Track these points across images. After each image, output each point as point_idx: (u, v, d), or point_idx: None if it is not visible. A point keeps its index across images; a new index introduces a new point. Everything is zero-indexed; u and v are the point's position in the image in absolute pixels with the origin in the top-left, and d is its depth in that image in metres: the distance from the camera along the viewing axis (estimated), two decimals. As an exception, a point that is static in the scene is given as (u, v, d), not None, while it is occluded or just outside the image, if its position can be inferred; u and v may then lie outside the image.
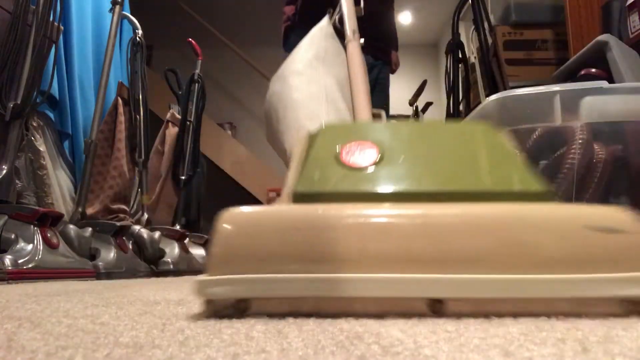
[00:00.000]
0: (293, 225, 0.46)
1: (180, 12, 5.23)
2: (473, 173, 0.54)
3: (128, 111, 2.43)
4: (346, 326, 0.40)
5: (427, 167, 0.55)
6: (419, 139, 0.61)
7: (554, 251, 0.44)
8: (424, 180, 0.53)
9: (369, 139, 0.58)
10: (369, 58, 2.17)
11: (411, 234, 0.45)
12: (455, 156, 0.57)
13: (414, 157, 0.56)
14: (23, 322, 0.44)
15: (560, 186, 1.07)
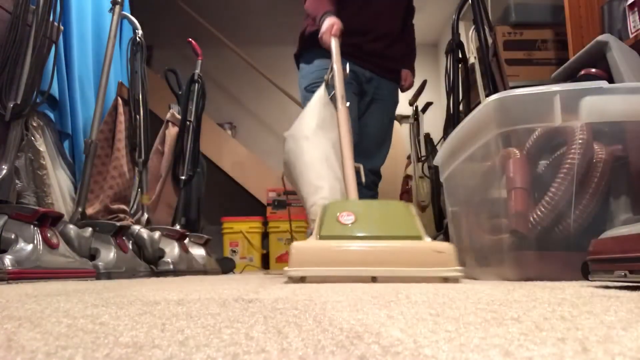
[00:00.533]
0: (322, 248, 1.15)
1: (180, 12, 5.22)
2: (390, 226, 1.22)
3: (128, 111, 2.43)
4: (346, 326, 0.40)
5: (372, 223, 1.23)
6: (371, 209, 1.33)
7: (417, 258, 1.11)
8: (370, 230, 1.22)
9: (350, 210, 1.23)
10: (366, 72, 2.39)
11: (365, 252, 1.14)
12: (385, 218, 1.26)
13: (368, 219, 1.23)
14: (23, 322, 0.44)
15: (560, 186, 1.07)
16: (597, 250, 0.78)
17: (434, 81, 5.58)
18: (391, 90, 2.51)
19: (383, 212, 1.28)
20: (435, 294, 0.71)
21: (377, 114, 2.46)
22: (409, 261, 1.09)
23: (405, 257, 1.10)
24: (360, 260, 1.11)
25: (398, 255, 1.11)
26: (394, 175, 4.03)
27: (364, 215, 1.21)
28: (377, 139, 2.48)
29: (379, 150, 2.50)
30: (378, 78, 2.44)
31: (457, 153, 1.43)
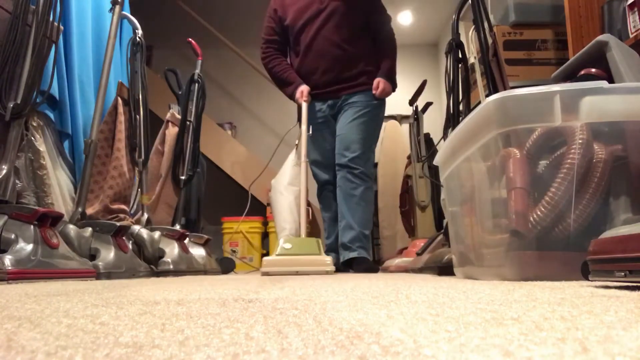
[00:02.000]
0: (276, 259, 2.31)
1: (180, 12, 5.22)
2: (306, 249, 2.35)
3: (128, 111, 2.43)
4: (346, 326, 0.40)
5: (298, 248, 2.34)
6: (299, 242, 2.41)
7: (314, 262, 2.31)
8: (297, 250, 2.33)
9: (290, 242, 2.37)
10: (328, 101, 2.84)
11: (292, 260, 2.28)
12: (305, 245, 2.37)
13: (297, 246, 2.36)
14: (23, 322, 0.44)
15: (560, 186, 1.07)
16: (597, 250, 0.78)
17: (434, 81, 5.58)
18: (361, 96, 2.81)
19: (304, 242, 2.34)
20: (435, 294, 0.71)
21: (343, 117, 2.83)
22: (310, 264, 2.20)
23: (308, 262, 2.20)
24: (291, 264, 2.19)
25: (305, 261, 2.20)
26: (394, 175, 4.03)
27: (296, 244, 2.29)
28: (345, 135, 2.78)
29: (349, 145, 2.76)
30: (342, 97, 2.81)
31: (457, 153, 1.43)
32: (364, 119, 2.80)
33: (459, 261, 1.53)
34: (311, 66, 2.82)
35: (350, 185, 2.68)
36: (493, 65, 1.94)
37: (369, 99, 2.82)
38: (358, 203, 2.66)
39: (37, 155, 2.03)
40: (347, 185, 2.70)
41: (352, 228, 2.60)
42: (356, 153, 2.74)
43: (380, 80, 2.81)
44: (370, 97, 2.82)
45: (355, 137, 2.77)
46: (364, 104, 2.80)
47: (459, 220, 1.55)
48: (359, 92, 2.82)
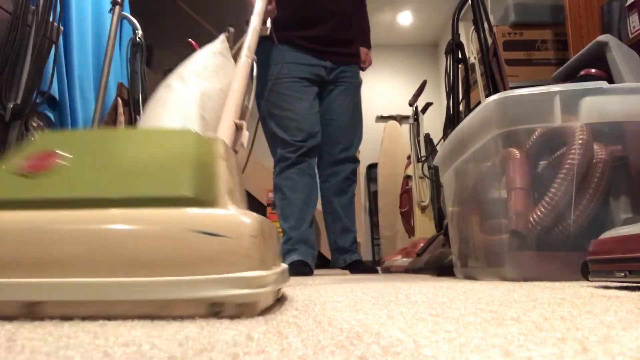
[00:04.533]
0: None
1: (180, 13, 5.23)
2: (119, 179, 0.55)
3: (128, 111, 2.43)
4: (346, 326, 0.40)
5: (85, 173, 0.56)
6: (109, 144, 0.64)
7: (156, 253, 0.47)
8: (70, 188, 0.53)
9: (64, 146, 0.58)
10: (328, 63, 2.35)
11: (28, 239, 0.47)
12: (124, 161, 0.59)
13: (87, 164, 0.57)
14: (23, 322, 0.44)
15: (560, 186, 1.07)
16: (597, 251, 0.78)
17: (434, 81, 5.58)
18: (354, 73, 2.47)
19: (131, 151, 0.62)
20: (435, 294, 0.71)
21: (340, 98, 2.42)
22: (125, 260, 0.47)
23: (116, 249, 0.47)
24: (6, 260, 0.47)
25: (99, 245, 0.47)
26: (394, 175, 4.03)
27: (84, 159, 0.58)
28: (345, 124, 2.42)
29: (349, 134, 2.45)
30: (340, 65, 2.40)
31: (457, 153, 1.43)
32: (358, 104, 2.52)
33: (459, 261, 1.53)
34: (315, 14, 2.33)
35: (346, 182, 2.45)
36: (493, 65, 1.94)
37: (358, 77, 2.51)
38: (350, 201, 2.48)
39: (37, 156, 2.03)
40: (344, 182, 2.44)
41: (350, 230, 2.53)
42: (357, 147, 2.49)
43: (368, 52, 2.54)
44: (358, 74, 2.51)
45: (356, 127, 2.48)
46: (356, 84, 2.49)
47: (459, 221, 1.55)
48: (352, 64, 2.46)
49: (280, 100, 2.26)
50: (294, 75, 2.28)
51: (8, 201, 0.51)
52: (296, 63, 2.29)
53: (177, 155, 0.58)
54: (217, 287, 0.45)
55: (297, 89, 2.27)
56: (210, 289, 0.45)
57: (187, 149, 0.59)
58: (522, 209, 1.11)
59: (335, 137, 2.39)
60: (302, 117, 2.26)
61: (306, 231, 2.24)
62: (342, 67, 2.41)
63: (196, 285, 0.45)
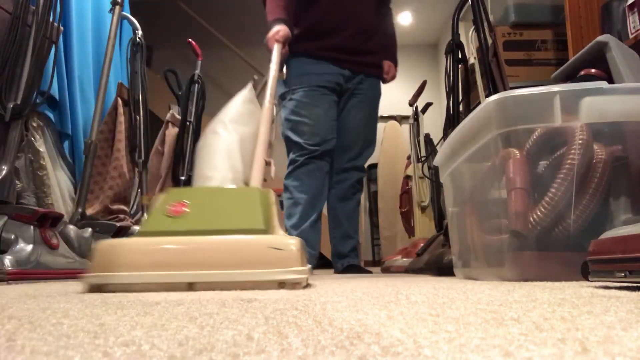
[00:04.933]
0: (129, 248, 0.94)
1: (180, 13, 5.23)
2: (226, 218, 0.99)
3: (128, 111, 2.43)
4: (346, 326, 0.40)
5: (206, 215, 1.01)
6: (214, 198, 1.09)
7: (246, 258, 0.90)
8: (200, 224, 0.98)
9: (186, 199, 1.03)
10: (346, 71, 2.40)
11: (179, 251, 0.92)
12: (225, 208, 1.04)
13: (204, 210, 1.02)
14: (23, 322, 0.44)
15: (560, 186, 1.07)
16: (597, 251, 0.78)
17: (434, 81, 5.59)
18: (372, 85, 2.49)
19: (226, 200, 1.05)
20: (435, 294, 0.71)
21: (356, 109, 2.45)
22: (234, 261, 0.88)
23: (229, 256, 0.89)
24: (177, 261, 0.88)
25: (220, 253, 0.89)
26: (394, 175, 4.03)
27: (202, 206, 1.00)
28: (358, 135, 2.46)
29: (361, 146, 2.48)
30: (359, 74, 2.44)
31: (457, 153, 1.43)
32: (374, 116, 2.55)
33: (459, 261, 1.53)
34: (333, 25, 2.37)
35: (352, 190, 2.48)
36: (493, 65, 1.94)
37: (378, 90, 2.54)
38: (354, 209, 2.52)
39: (37, 156, 2.03)
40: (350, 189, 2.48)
41: (351, 237, 2.53)
42: (366, 158, 2.52)
43: (391, 65, 2.53)
44: (378, 86, 2.54)
45: (368, 139, 2.50)
46: (374, 97, 2.53)
47: (459, 221, 1.55)
48: (370, 76, 2.48)
49: (298, 108, 2.33)
50: (312, 84, 2.34)
51: (164, 231, 0.96)
52: (315, 73, 2.36)
53: (252, 204, 1.03)
54: (282, 275, 0.88)
55: (314, 97, 2.34)
56: (279, 276, 0.88)
57: (257, 200, 1.04)
58: (522, 209, 1.11)
59: (345, 146, 2.44)
60: (317, 123, 2.32)
61: (307, 230, 2.27)
62: (360, 77, 2.44)
63: (272, 274, 0.88)
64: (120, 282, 0.87)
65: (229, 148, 1.42)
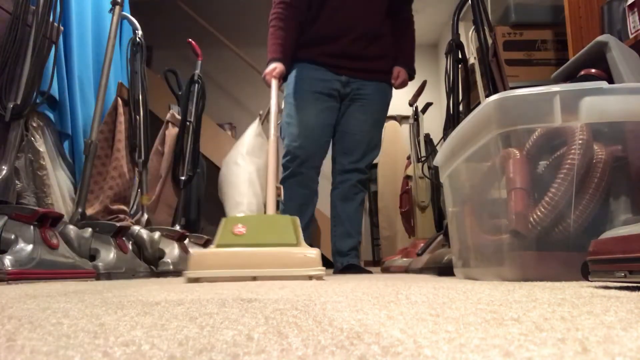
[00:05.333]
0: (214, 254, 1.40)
1: (180, 13, 5.23)
2: (272, 236, 1.44)
3: (128, 111, 2.43)
4: (346, 326, 0.40)
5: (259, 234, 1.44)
6: (261, 222, 1.53)
7: (288, 261, 1.37)
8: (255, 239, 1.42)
9: (244, 223, 1.45)
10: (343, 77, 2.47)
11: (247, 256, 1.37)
12: (270, 229, 1.48)
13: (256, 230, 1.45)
14: (23, 322, 0.44)
15: (560, 186, 1.07)
16: (597, 251, 0.78)
17: (434, 81, 5.58)
18: (377, 90, 2.51)
19: (269, 224, 1.51)
20: (435, 294, 0.71)
21: (358, 113, 2.49)
22: (281, 263, 1.35)
23: (278, 259, 1.35)
24: (244, 263, 1.33)
25: (273, 258, 1.35)
26: (394, 175, 4.03)
27: (254, 227, 1.43)
28: (360, 138, 2.49)
29: (364, 150, 2.51)
30: (358, 80, 2.49)
31: (457, 153, 1.43)
32: (379, 120, 2.57)
33: (459, 261, 1.53)
34: (334, 31, 2.43)
35: (353, 191, 2.51)
36: (493, 65, 1.94)
37: (384, 94, 2.55)
38: (356, 209, 2.54)
39: (37, 156, 2.03)
40: (351, 190, 2.51)
41: (351, 236, 2.55)
42: (371, 159, 2.55)
43: (401, 70, 2.53)
44: (385, 91, 2.55)
45: (371, 143, 2.53)
46: (378, 100, 2.53)
47: (459, 221, 1.55)
48: (374, 80, 2.50)
49: (290, 111, 2.44)
50: (308, 89, 2.44)
51: (232, 244, 1.40)
52: (311, 79, 2.46)
53: (287, 227, 1.47)
54: (311, 271, 1.34)
55: (308, 101, 2.43)
56: (308, 271, 1.34)
57: (290, 224, 1.48)
58: (522, 209, 1.11)
59: (347, 149, 2.50)
60: (305, 127, 2.40)
61: None
62: (359, 83, 2.48)
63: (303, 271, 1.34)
64: (209, 277, 1.30)
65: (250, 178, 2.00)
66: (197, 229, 3.10)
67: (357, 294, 0.76)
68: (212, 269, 1.31)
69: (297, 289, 0.91)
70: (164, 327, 0.41)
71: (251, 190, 1.89)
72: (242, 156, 2.01)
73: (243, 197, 1.90)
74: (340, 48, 2.44)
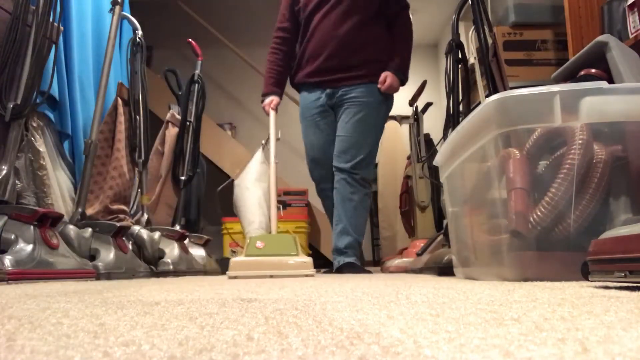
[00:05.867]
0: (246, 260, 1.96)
1: (180, 12, 5.22)
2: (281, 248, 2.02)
3: (128, 111, 2.43)
4: (346, 326, 0.40)
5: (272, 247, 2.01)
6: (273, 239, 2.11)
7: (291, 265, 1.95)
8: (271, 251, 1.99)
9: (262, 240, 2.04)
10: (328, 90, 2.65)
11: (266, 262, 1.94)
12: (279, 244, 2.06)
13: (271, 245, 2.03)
14: (23, 322, 0.44)
15: (560, 186, 1.07)
16: (597, 251, 0.78)
17: (434, 81, 5.58)
18: (364, 92, 2.62)
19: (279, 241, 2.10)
20: (435, 294, 0.71)
21: (344, 115, 2.65)
22: (287, 266, 1.93)
23: (285, 264, 1.94)
24: (264, 266, 1.91)
25: (282, 263, 1.93)
26: (394, 175, 4.02)
27: (269, 243, 2.03)
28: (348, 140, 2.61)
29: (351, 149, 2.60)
30: (341, 88, 2.63)
31: (457, 153, 1.43)
32: (365, 120, 2.62)
33: (459, 261, 1.53)
34: (315, 51, 2.64)
35: (349, 189, 2.56)
36: (493, 65, 1.94)
37: (371, 95, 2.63)
38: (356, 208, 2.55)
39: (37, 156, 2.03)
40: (346, 189, 2.56)
41: (349, 234, 2.55)
42: (357, 158, 2.59)
43: (388, 75, 2.63)
44: (373, 92, 2.63)
45: (357, 141, 2.60)
46: (365, 101, 2.62)
47: (459, 221, 1.55)
48: (360, 84, 2.62)
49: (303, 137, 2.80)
50: (307, 115, 2.74)
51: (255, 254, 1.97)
52: (305, 105, 2.74)
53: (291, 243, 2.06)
54: (305, 272, 1.92)
55: (309, 125, 2.74)
56: (306, 272, 1.92)
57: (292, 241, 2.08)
58: (522, 209, 1.11)
59: (337, 151, 2.65)
60: (312, 150, 2.76)
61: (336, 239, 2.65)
62: (343, 90, 2.63)
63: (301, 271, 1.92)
64: (243, 275, 1.84)
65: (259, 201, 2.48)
66: (197, 229, 3.10)
67: (357, 294, 0.76)
68: (245, 270, 1.89)
69: (297, 289, 0.91)
70: (164, 327, 0.41)
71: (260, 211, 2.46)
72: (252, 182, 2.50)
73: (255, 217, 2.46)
74: (318, 65, 2.64)
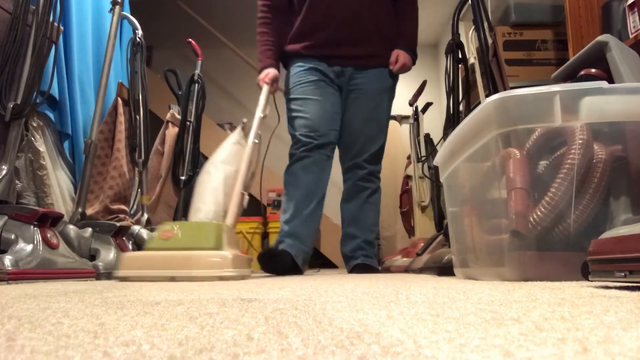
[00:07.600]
0: (138, 256, 1.59)
1: (180, 12, 5.22)
2: (194, 240, 1.51)
3: (128, 111, 2.43)
4: (346, 326, 0.40)
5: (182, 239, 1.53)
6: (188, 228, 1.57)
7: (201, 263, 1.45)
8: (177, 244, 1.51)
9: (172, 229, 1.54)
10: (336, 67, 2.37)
11: (165, 259, 1.46)
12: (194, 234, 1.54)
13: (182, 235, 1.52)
14: (23, 322, 0.44)
15: (560, 186, 1.07)
16: (597, 251, 0.78)
17: (434, 81, 5.58)
18: (373, 78, 2.39)
19: (196, 230, 1.58)
20: (435, 295, 0.71)
21: (353, 106, 2.39)
22: (194, 265, 1.43)
23: (192, 261, 1.44)
24: (162, 265, 1.44)
25: (187, 260, 1.44)
26: (394, 175, 4.02)
27: (182, 233, 1.53)
28: (357, 133, 2.39)
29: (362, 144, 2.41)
30: (351, 69, 2.37)
31: (457, 153, 1.43)
32: (378, 111, 2.42)
33: (459, 261, 1.53)
34: (319, 20, 2.34)
35: (355, 189, 2.43)
36: (493, 65, 1.94)
37: (383, 81, 2.41)
38: (362, 207, 2.45)
39: (37, 156, 2.03)
40: (352, 188, 2.43)
41: (355, 237, 2.43)
42: (371, 152, 2.42)
43: (400, 53, 2.38)
44: (384, 77, 2.41)
45: (371, 135, 2.41)
46: (376, 90, 2.40)
47: (459, 221, 1.55)
48: (370, 68, 2.38)
49: (294, 105, 2.36)
50: (304, 80, 2.36)
51: (158, 247, 1.50)
52: (306, 69, 2.37)
53: (211, 232, 1.53)
54: (221, 272, 1.43)
55: (309, 92, 2.35)
56: (219, 273, 1.42)
57: (214, 230, 1.55)
58: (522, 209, 1.11)
59: (347, 144, 2.41)
60: (312, 116, 2.31)
61: (299, 225, 2.25)
62: (351, 72, 2.38)
63: (215, 272, 1.42)
64: (134, 276, 1.45)
65: (215, 185, 1.82)
66: (197, 228, 3.10)
67: (357, 294, 0.76)
68: (136, 270, 1.45)
69: (297, 289, 0.91)
70: (164, 327, 0.41)
71: (213, 198, 1.79)
72: (215, 165, 1.90)
73: (204, 205, 1.78)
74: (324, 36, 2.34)
